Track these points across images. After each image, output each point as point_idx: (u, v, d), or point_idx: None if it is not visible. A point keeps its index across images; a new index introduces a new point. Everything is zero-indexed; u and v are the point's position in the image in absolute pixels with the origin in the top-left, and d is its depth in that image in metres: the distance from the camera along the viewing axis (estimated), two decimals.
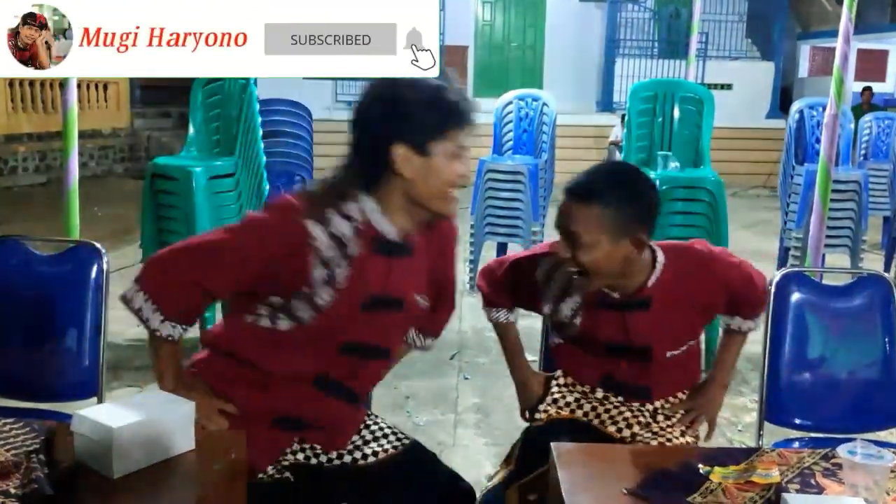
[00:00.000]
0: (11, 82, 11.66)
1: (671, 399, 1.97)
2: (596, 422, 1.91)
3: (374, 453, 1.77)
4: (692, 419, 1.97)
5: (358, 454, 1.76)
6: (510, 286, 2.02)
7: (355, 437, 1.79)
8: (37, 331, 2.22)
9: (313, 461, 1.74)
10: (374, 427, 1.83)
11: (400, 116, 1.59)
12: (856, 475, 1.27)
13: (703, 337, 2.11)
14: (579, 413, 1.94)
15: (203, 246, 1.67)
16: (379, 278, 1.66)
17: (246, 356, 1.69)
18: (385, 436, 1.81)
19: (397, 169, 1.59)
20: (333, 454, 1.76)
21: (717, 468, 1.40)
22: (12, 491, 1.25)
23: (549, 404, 1.98)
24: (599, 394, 1.95)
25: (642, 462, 1.43)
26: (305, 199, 1.63)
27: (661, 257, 1.83)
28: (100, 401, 2.21)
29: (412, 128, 1.58)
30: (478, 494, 2.90)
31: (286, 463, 1.72)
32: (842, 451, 1.29)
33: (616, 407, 1.93)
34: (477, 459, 3.24)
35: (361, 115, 1.64)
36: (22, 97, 11.81)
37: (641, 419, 1.91)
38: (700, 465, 1.41)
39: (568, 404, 1.96)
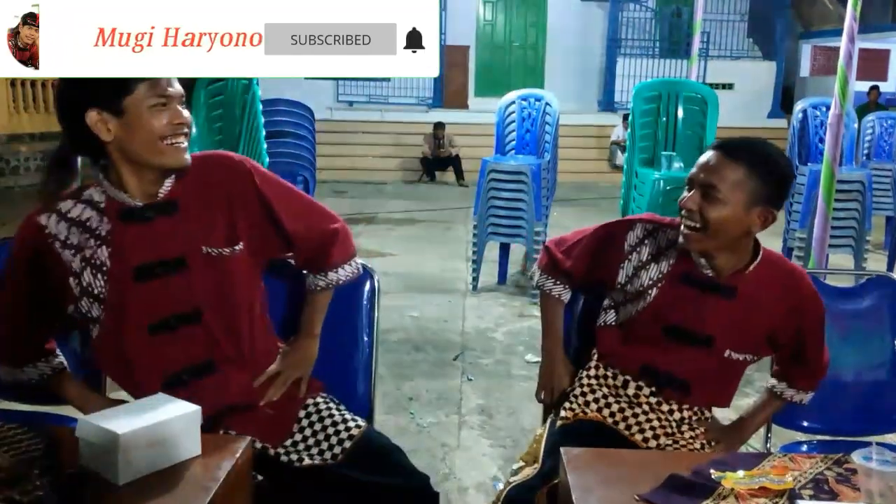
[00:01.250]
0: (13, 82, 11.66)
1: (698, 413, 1.93)
2: (622, 426, 1.88)
3: (318, 452, 1.71)
4: (709, 440, 1.93)
5: (294, 455, 1.71)
6: (593, 252, 1.97)
7: (297, 436, 1.74)
8: None
9: (271, 452, 1.71)
10: (320, 426, 1.76)
11: (83, 81, 1.55)
12: (871, 481, 1.25)
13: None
14: (606, 413, 1.90)
15: None
16: (141, 246, 1.62)
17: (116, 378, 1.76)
18: (328, 437, 1.74)
19: (98, 135, 1.56)
20: (272, 452, 1.71)
21: (728, 474, 1.38)
22: (16, 497, 1.23)
23: (576, 396, 1.94)
24: (631, 389, 1.91)
25: (654, 468, 1.41)
26: (42, 200, 1.65)
27: (761, 253, 1.85)
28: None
29: (96, 90, 1.54)
30: (483, 495, 2.90)
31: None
32: (856, 456, 1.27)
33: (645, 413, 1.89)
34: (481, 461, 3.23)
35: (60, 94, 1.60)
36: (24, 97, 11.81)
37: (669, 429, 1.88)
38: (712, 471, 1.39)
39: (597, 400, 1.92)
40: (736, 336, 1.85)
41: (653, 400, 1.90)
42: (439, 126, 12.74)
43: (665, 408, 1.90)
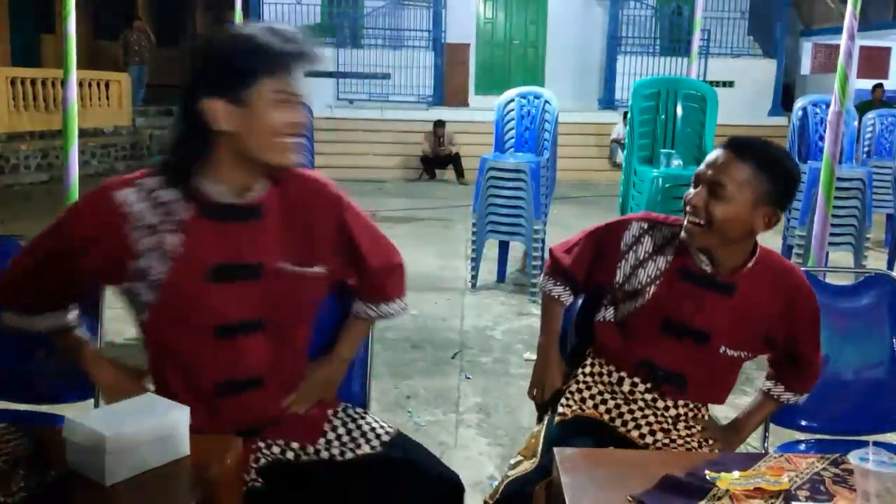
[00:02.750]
0: (13, 80, 11.67)
1: (695, 409, 1.93)
2: (618, 422, 1.89)
3: (353, 450, 1.70)
4: (706, 438, 1.92)
5: (335, 451, 1.70)
6: (591, 252, 1.99)
7: (331, 435, 1.72)
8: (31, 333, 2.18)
9: (289, 455, 1.68)
10: (354, 425, 1.76)
11: (207, 67, 1.52)
12: (867, 482, 1.23)
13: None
14: (602, 409, 1.91)
15: (32, 243, 1.68)
16: (219, 243, 1.57)
17: (157, 367, 1.68)
18: (364, 434, 1.74)
19: (214, 124, 1.51)
20: (310, 449, 1.69)
21: (724, 474, 1.36)
22: (1, 499, 1.22)
23: (572, 393, 1.95)
24: (626, 386, 1.91)
25: (648, 468, 1.39)
26: (124, 175, 1.60)
27: (758, 251, 1.85)
28: (97, 403, 2.18)
29: (220, 77, 1.50)
30: (480, 494, 2.88)
31: (256, 466, 1.65)
32: (853, 457, 1.26)
33: (641, 409, 1.89)
34: (479, 460, 3.21)
35: (182, 75, 1.56)
36: (24, 95, 11.81)
37: (665, 426, 1.88)
38: (706, 472, 1.38)
39: (593, 397, 1.93)
40: (732, 333, 1.85)
41: (648, 396, 1.90)
42: (439, 124, 12.72)
43: (661, 404, 1.90)
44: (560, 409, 1.93)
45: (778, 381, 2.01)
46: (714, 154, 1.79)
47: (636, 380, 1.91)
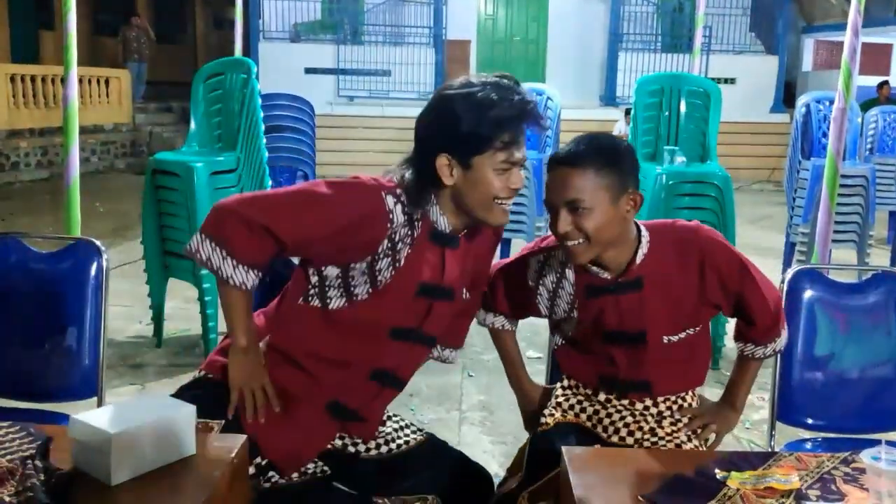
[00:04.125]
0: (13, 77, 11.64)
1: (678, 401, 1.91)
2: (599, 429, 1.88)
3: (402, 444, 1.83)
4: (699, 425, 1.90)
5: (390, 445, 1.82)
6: (506, 286, 1.98)
7: (381, 429, 1.83)
8: (35, 330, 2.18)
9: (351, 449, 1.78)
10: (393, 419, 1.88)
11: (445, 128, 1.63)
12: (880, 481, 1.22)
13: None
14: (583, 417, 1.91)
15: (271, 195, 1.70)
16: (433, 266, 1.70)
17: (298, 340, 1.72)
18: (403, 427, 1.87)
19: (441, 177, 1.64)
20: (371, 444, 1.80)
21: (734, 473, 1.35)
22: (6, 499, 1.21)
23: (553, 408, 1.94)
24: (602, 395, 1.91)
25: (657, 467, 1.38)
26: (389, 180, 1.69)
27: (645, 233, 1.80)
28: (100, 401, 2.18)
29: (455, 141, 1.62)
30: None
31: (327, 451, 1.76)
32: (865, 456, 1.25)
33: (619, 411, 1.89)
34: (482, 458, 3.19)
35: (418, 121, 1.70)
36: (24, 92, 11.78)
37: (644, 424, 1.86)
38: (716, 471, 1.37)
39: (572, 407, 1.93)
40: (664, 320, 1.82)
41: (625, 401, 1.89)
42: None
43: (639, 406, 1.89)
44: (542, 420, 1.94)
45: (743, 340, 1.94)
46: (552, 177, 1.75)
47: (607, 394, 1.92)
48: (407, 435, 1.86)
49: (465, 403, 3.74)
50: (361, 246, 1.64)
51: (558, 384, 2.01)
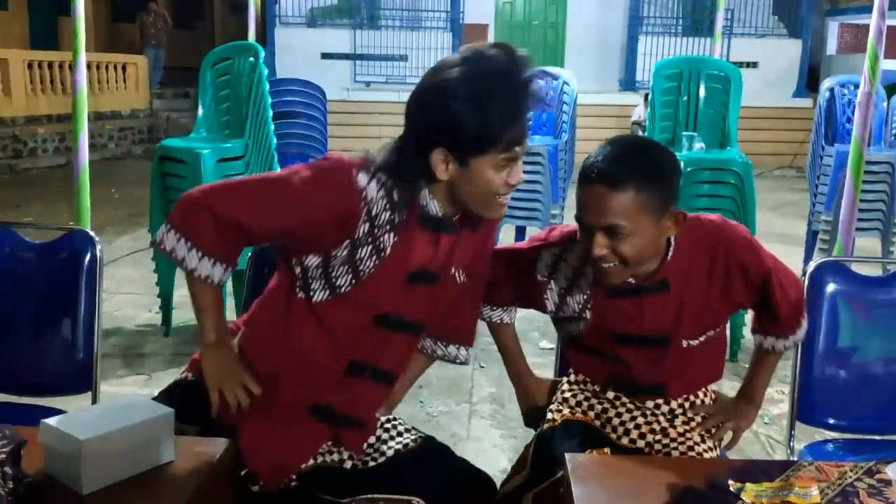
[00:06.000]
0: (31, 64, 11.66)
1: (691, 398, 1.82)
2: (608, 428, 1.78)
3: (392, 449, 1.70)
4: (714, 424, 1.80)
5: (377, 454, 1.69)
6: (506, 272, 1.86)
7: (371, 438, 1.71)
8: (27, 322, 2.13)
9: (347, 465, 1.67)
10: (389, 425, 1.76)
11: (444, 125, 1.49)
12: None
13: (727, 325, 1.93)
14: (591, 414, 1.81)
15: (238, 183, 1.60)
16: (426, 253, 1.59)
17: (278, 337, 1.62)
18: (400, 433, 1.75)
19: (435, 171, 1.53)
20: (367, 458, 1.69)
21: (749, 485, 1.26)
22: None
23: (560, 404, 1.85)
24: (611, 393, 1.82)
25: (665, 478, 1.29)
26: (362, 159, 1.57)
27: (673, 236, 1.68)
28: (94, 395, 2.12)
29: (454, 138, 1.50)
30: None
31: (315, 462, 1.65)
32: (892, 470, 1.15)
33: (629, 410, 1.79)
34: (492, 453, 3.13)
35: (410, 109, 1.55)
36: (41, 79, 11.80)
37: (656, 425, 1.76)
38: (730, 482, 1.27)
39: (580, 404, 1.83)
40: (689, 324, 1.71)
41: (635, 401, 1.80)
42: None
43: (650, 404, 1.79)
44: (549, 416, 1.84)
45: (763, 333, 1.84)
46: (586, 194, 1.59)
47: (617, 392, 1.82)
48: (401, 441, 1.73)
49: (476, 396, 3.66)
50: (335, 228, 1.53)
51: (564, 378, 1.91)
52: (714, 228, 1.71)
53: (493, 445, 3.19)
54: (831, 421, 2.09)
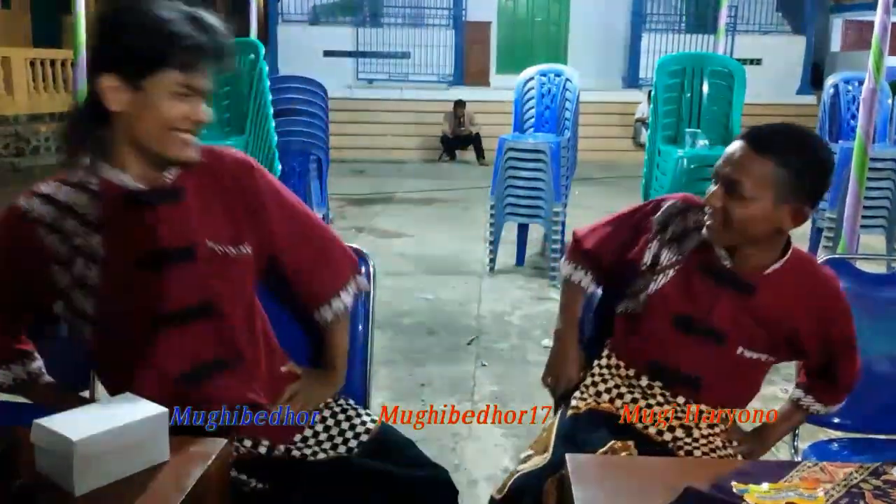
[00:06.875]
0: (33, 62, 11.66)
1: (714, 411, 1.79)
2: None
3: (327, 451, 1.62)
4: (731, 440, 1.80)
5: (308, 451, 1.62)
6: (621, 235, 1.87)
7: (308, 432, 1.64)
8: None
9: (260, 450, 1.59)
10: (334, 420, 1.68)
11: (112, 42, 1.41)
12: None
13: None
14: (619, 403, 1.78)
15: None
16: (143, 233, 1.47)
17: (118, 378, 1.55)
18: (343, 432, 1.66)
19: (107, 103, 1.41)
20: (281, 447, 1.61)
21: (752, 486, 1.24)
22: None
23: (587, 386, 1.83)
24: (644, 381, 1.79)
25: (668, 480, 1.27)
26: (34, 183, 1.49)
27: (790, 252, 1.70)
28: (92, 396, 2.10)
29: (121, 57, 1.39)
30: (492, 489, 2.78)
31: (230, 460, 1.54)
32: None
33: (659, 404, 1.76)
34: (494, 452, 3.10)
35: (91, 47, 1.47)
36: (43, 76, 11.80)
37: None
38: (734, 484, 1.25)
39: (608, 391, 1.81)
40: (750, 334, 1.71)
41: (667, 392, 1.77)
42: (460, 104, 12.55)
43: (681, 399, 1.76)
44: (574, 402, 1.82)
45: (808, 391, 1.87)
46: (732, 147, 1.64)
47: (651, 381, 1.79)
48: (347, 440, 1.65)
49: (478, 394, 3.64)
50: (34, 265, 1.46)
51: (596, 362, 1.88)
52: (829, 281, 1.74)
53: (494, 444, 3.17)
54: (836, 420, 2.06)
